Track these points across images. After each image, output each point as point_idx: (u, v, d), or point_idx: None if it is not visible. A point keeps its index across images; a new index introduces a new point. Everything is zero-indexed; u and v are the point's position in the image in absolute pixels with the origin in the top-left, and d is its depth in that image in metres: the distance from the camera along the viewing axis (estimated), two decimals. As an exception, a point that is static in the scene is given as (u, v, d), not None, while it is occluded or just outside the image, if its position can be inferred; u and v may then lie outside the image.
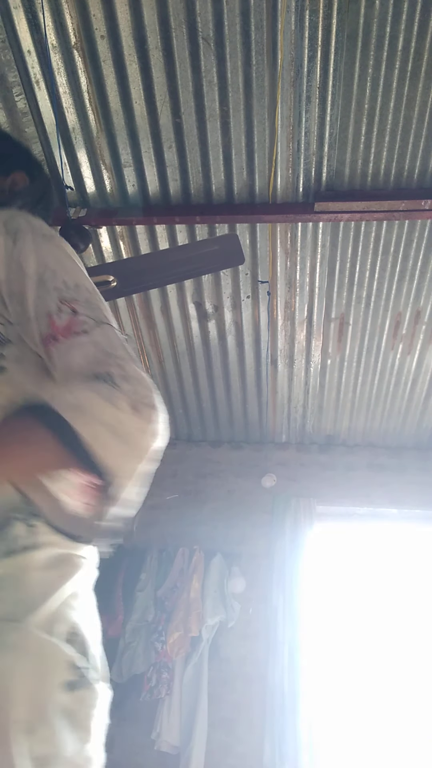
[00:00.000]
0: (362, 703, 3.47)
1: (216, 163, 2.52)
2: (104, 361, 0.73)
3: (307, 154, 2.48)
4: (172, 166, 2.54)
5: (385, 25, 2.09)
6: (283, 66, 2.20)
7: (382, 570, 3.85)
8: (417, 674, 3.52)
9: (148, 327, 3.40)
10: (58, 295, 0.77)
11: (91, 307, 0.78)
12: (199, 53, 2.18)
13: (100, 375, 0.71)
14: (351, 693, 3.51)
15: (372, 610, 3.70)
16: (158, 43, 2.16)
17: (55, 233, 0.87)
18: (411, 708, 3.44)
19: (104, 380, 0.70)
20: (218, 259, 2.27)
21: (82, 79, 2.28)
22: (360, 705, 3.47)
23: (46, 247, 0.82)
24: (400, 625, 3.65)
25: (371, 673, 3.54)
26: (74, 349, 0.74)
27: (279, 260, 2.92)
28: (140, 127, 2.41)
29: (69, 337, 0.75)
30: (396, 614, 3.69)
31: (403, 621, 3.66)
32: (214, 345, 3.46)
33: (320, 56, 2.18)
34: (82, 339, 0.74)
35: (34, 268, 0.79)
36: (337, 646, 3.60)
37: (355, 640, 3.64)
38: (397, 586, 3.78)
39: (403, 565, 3.87)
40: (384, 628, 3.65)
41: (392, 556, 3.92)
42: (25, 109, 2.38)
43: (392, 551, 3.94)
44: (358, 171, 2.52)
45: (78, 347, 0.74)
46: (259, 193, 2.62)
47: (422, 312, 3.16)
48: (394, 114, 2.32)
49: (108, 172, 2.58)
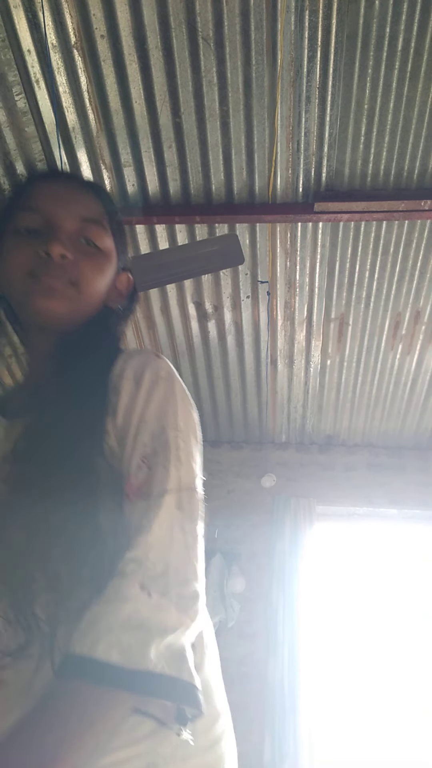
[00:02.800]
0: (362, 702, 3.47)
1: (216, 163, 2.52)
2: (158, 556, 0.64)
3: (306, 154, 2.48)
4: (172, 166, 2.54)
5: (384, 26, 2.09)
6: (282, 66, 2.20)
7: (381, 570, 3.85)
8: (416, 674, 3.52)
9: (147, 327, 3.40)
10: (142, 451, 0.71)
11: (166, 470, 0.70)
12: (198, 53, 2.18)
13: (151, 577, 0.62)
14: (351, 692, 3.51)
15: (371, 609, 3.70)
16: (158, 43, 2.16)
17: (174, 374, 0.81)
18: (411, 707, 3.44)
19: (153, 588, 0.62)
20: (218, 259, 2.27)
21: (82, 79, 2.28)
22: (360, 704, 3.47)
23: (157, 395, 0.76)
24: (399, 625, 3.65)
25: (371, 672, 3.54)
26: (133, 516, 0.68)
27: (279, 260, 2.92)
28: (140, 127, 2.41)
29: (134, 498, 0.69)
30: (395, 614, 3.69)
31: (402, 620, 3.66)
32: (214, 345, 3.46)
33: (320, 56, 2.18)
34: (140, 505, 0.68)
35: (138, 416, 0.74)
36: (337, 646, 3.61)
37: (354, 640, 3.64)
38: (397, 586, 3.78)
39: (402, 565, 3.87)
40: (383, 627, 3.65)
41: (392, 556, 3.92)
42: (25, 109, 2.38)
43: (392, 551, 3.94)
44: (357, 171, 2.52)
45: (137, 514, 0.68)
46: (259, 193, 2.62)
47: (422, 312, 3.16)
48: (393, 114, 2.32)
49: (108, 172, 2.58)
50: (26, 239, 0.81)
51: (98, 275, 0.83)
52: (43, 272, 0.78)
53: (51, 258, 0.78)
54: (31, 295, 0.79)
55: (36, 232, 0.81)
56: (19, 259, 0.80)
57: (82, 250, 0.82)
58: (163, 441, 0.72)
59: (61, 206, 0.83)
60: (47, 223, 0.81)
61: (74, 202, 0.84)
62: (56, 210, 0.82)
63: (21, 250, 0.80)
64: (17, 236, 0.82)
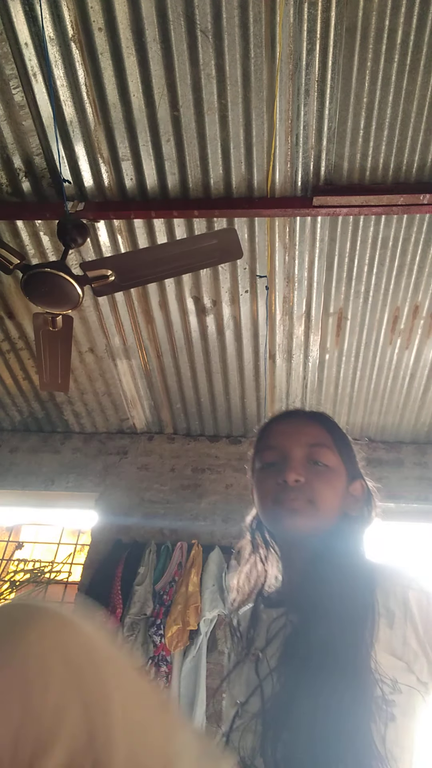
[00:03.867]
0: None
1: (214, 157, 2.51)
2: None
3: (305, 148, 2.47)
4: (171, 160, 2.53)
5: (384, 18, 2.08)
6: (281, 59, 2.19)
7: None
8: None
9: (146, 321, 3.40)
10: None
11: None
12: (197, 46, 2.17)
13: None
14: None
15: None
16: (156, 36, 2.15)
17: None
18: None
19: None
20: (216, 253, 2.26)
21: (80, 72, 2.26)
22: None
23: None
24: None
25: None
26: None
27: (277, 254, 2.91)
28: (138, 121, 2.40)
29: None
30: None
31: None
32: (213, 339, 3.46)
33: (319, 49, 2.17)
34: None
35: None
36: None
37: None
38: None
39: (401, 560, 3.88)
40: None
41: (389, 550, 3.93)
42: (23, 102, 2.37)
43: (389, 546, 3.95)
44: (356, 165, 2.51)
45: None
46: (258, 187, 2.61)
47: (420, 307, 3.16)
48: (392, 108, 2.31)
49: (106, 166, 2.57)
50: (269, 472, 0.98)
51: (329, 490, 0.95)
52: (283, 497, 0.93)
53: (287, 484, 0.93)
54: (279, 517, 0.93)
55: (275, 465, 0.98)
56: (265, 489, 0.97)
57: (312, 471, 0.95)
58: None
59: (291, 439, 0.99)
60: (282, 455, 0.97)
61: (301, 434, 0.99)
62: (287, 443, 0.98)
63: (266, 482, 0.97)
64: (263, 470, 1.00)
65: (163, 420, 4.19)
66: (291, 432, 1.00)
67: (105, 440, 4.33)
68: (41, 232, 2.89)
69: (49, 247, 2.95)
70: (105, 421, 4.25)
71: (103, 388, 3.95)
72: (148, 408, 4.10)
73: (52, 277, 2.26)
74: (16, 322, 3.49)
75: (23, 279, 2.28)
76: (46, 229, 2.88)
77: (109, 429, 4.32)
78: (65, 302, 2.36)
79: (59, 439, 4.37)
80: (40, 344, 2.75)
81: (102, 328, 3.47)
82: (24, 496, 4.18)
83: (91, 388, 3.95)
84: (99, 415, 4.19)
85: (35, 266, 2.27)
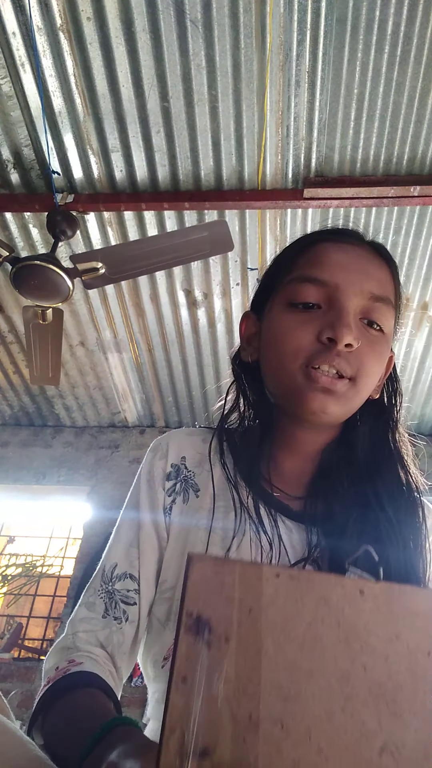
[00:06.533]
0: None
1: (205, 149, 2.50)
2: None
3: (296, 140, 2.46)
4: (161, 152, 2.52)
5: (374, 9, 2.07)
6: (272, 50, 2.18)
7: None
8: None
9: (137, 314, 3.39)
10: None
11: None
12: (187, 36, 2.15)
13: None
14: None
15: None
16: (145, 26, 2.13)
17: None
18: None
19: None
20: (207, 245, 2.26)
21: (69, 62, 2.24)
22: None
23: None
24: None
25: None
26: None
27: (268, 247, 2.91)
28: (128, 112, 2.38)
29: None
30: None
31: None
32: (204, 332, 3.45)
33: (309, 40, 2.16)
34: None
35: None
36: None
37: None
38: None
39: None
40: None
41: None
42: (11, 93, 2.35)
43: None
44: (347, 157, 2.51)
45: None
46: (248, 179, 2.60)
47: (410, 299, 3.18)
48: (383, 99, 2.31)
49: (95, 157, 2.55)
50: (304, 317, 0.68)
51: (377, 365, 0.71)
52: (323, 363, 0.65)
53: (335, 346, 0.65)
54: (306, 390, 0.66)
55: (315, 308, 0.68)
56: (295, 342, 0.67)
57: (364, 335, 0.68)
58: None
59: (350, 280, 0.68)
60: (330, 299, 0.68)
61: (365, 276, 0.69)
62: (344, 284, 0.67)
63: (298, 332, 0.67)
64: (292, 310, 0.69)
65: (154, 413, 4.19)
66: (352, 269, 0.69)
67: (96, 434, 4.32)
68: (30, 225, 2.87)
69: (38, 239, 2.93)
70: (96, 415, 4.24)
71: (94, 382, 3.94)
72: (140, 401, 4.09)
73: (41, 269, 2.25)
74: (6, 315, 3.47)
75: (12, 272, 2.26)
76: (36, 222, 2.85)
77: (101, 423, 4.31)
78: (55, 295, 2.35)
79: (50, 433, 4.36)
80: (30, 338, 2.74)
81: (93, 321, 3.45)
82: (15, 490, 4.18)
83: (82, 381, 3.94)
84: (90, 409, 4.18)
85: (25, 259, 2.26)
